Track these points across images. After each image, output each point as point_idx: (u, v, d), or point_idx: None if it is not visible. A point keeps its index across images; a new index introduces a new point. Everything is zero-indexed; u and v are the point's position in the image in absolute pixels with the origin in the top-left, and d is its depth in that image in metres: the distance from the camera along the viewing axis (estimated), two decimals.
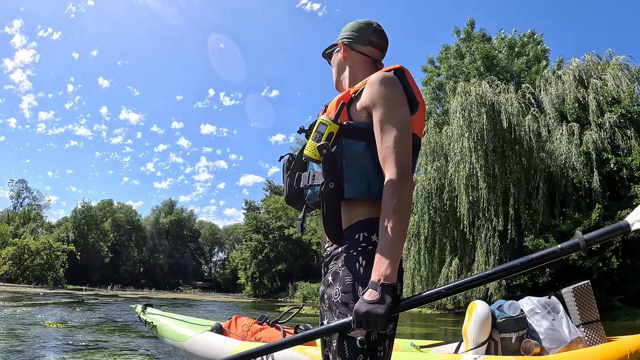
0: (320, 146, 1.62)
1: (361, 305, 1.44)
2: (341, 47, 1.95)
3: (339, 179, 1.63)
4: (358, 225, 1.64)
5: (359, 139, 1.66)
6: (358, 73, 1.92)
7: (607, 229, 1.34)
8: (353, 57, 1.94)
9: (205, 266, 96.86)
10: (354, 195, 1.63)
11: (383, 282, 1.45)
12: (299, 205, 1.89)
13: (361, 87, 1.73)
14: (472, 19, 29.73)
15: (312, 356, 3.98)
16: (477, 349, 3.84)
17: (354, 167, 1.65)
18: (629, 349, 3.35)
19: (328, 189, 1.63)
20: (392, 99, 1.63)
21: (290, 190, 1.87)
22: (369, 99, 1.65)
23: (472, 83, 21.21)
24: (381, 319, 1.42)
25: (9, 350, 6.39)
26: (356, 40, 1.93)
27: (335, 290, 1.61)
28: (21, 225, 64.39)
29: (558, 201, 19.76)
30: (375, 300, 1.43)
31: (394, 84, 1.66)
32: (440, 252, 21.67)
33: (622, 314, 16.90)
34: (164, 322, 5.87)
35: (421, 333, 12.52)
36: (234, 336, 5.11)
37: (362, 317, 1.43)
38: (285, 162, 1.93)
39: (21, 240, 50.35)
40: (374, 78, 1.67)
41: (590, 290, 4.06)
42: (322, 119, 1.67)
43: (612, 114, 18.99)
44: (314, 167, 1.74)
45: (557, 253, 1.38)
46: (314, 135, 1.67)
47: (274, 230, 51.02)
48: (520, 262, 1.41)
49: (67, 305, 18.69)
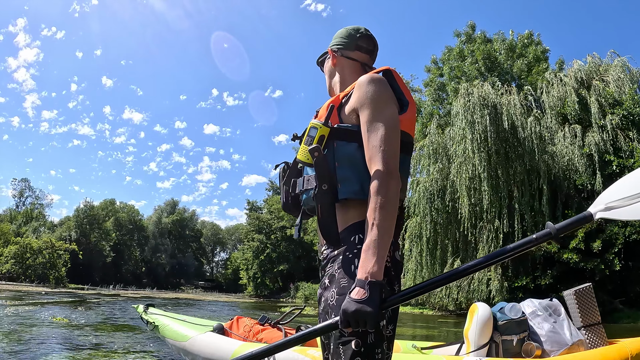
0: (311, 149, 1.64)
1: (349, 304, 1.43)
2: (330, 54, 2.01)
3: (332, 180, 1.64)
4: (353, 227, 1.65)
5: (350, 140, 1.69)
6: (348, 78, 1.96)
7: (573, 219, 1.46)
8: (342, 63, 1.99)
9: (207, 266, 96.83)
10: (348, 195, 1.64)
11: (370, 279, 1.44)
12: (296, 212, 1.90)
13: (350, 90, 1.77)
14: (472, 22, 29.78)
15: (314, 357, 3.98)
16: (479, 351, 3.84)
17: (346, 169, 1.67)
18: (630, 352, 3.35)
19: (322, 191, 1.64)
20: (378, 99, 1.65)
21: (287, 198, 1.89)
22: (357, 100, 1.68)
23: (475, 84, 21.19)
24: (370, 317, 1.41)
25: (12, 349, 6.41)
26: (345, 46, 1.99)
27: (331, 293, 1.62)
28: (23, 224, 64.54)
29: (560, 203, 19.74)
30: (363, 298, 1.42)
31: (381, 84, 1.69)
32: (442, 254, 21.65)
33: (623, 316, 16.88)
34: (166, 322, 5.88)
35: (422, 335, 12.52)
36: (235, 337, 5.12)
37: (350, 316, 1.43)
38: (281, 170, 1.95)
39: (23, 239, 50.39)
40: (361, 80, 1.71)
41: (591, 293, 4.07)
42: (313, 123, 1.71)
43: (614, 116, 18.97)
44: (308, 172, 1.76)
45: (532, 242, 1.47)
46: (305, 139, 1.71)
47: (276, 230, 50.97)
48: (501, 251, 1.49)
49: (69, 304, 18.73)
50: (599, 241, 17.16)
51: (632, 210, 1.43)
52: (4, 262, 47.06)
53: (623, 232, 17.37)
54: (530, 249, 1.52)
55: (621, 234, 17.38)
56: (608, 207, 1.46)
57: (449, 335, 12.53)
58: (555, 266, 18.15)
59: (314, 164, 1.65)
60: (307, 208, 1.81)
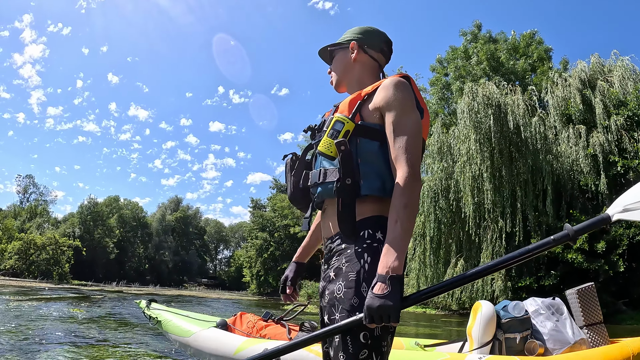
0: (338, 142, 1.65)
1: (373, 300, 1.46)
2: (355, 47, 1.97)
3: (355, 175, 1.66)
4: (364, 222, 1.67)
5: (372, 139, 1.71)
6: (365, 76, 1.96)
7: (592, 221, 1.54)
8: (364, 60, 1.97)
9: (210, 264, 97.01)
10: (370, 191, 1.67)
11: (392, 274, 1.47)
12: (304, 203, 1.92)
13: (372, 90, 1.77)
14: (478, 22, 29.73)
15: (317, 353, 4.01)
16: (482, 348, 3.86)
17: (368, 165, 1.69)
18: (631, 351, 3.36)
19: (345, 185, 1.65)
20: (406, 103, 1.69)
21: (295, 189, 1.90)
22: (384, 101, 1.70)
23: (480, 84, 21.16)
24: (393, 312, 1.44)
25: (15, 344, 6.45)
26: (370, 44, 1.97)
27: (337, 286, 1.64)
28: (27, 220, 64.76)
29: (565, 203, 19.68)
30: (385, 293, 1.45)
31: (407, 89, 1.72)
32: (446, 253, 21.63)
33: (626, 317, 16.84)
34: (169, 318, 5.90)
35: (426, 333, 12.52)
36: (239, 332, 5.14)
37: (374, 312, 1.45)
38: (289, 161, 1.96)
39: (27, 235, 50.64)
40: (389, 82, 1.72)
41: (594, 293, 4.08)
42: (339, 117, 1.71)
43: (619, 117, 18.89)
44: (325, 165, 1.77)
45: (550, 243, 1.52)
46: (329, 132, 1.70)
47: (280, 228, 50.92)
48: (519, 253, 1.53)
49: (73, 300, 18.79)
50: (603, 242, 17.10)
51: None
52: (7, 258, 47.26)
53: (627, 234, 17.33)
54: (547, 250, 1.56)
55: (626, 235, 17.34)
56: (626, 209, 1.54)
57: (452, 334, 12.52)
58: (559, 266, 18.11)
59: (339, 158, 1.66)
60: (320, 200, 1.82)
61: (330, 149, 1.68)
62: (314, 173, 1.80)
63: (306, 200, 1.90)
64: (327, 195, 1.75)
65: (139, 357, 5.96)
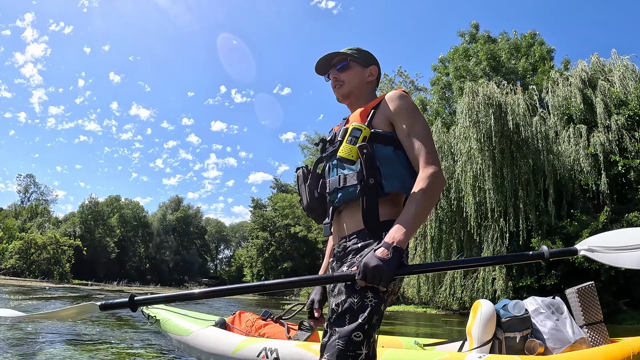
0: (361, 146, 1.81)
1: (371, 259, 1.59)
2: (374, 73, 2.18)
3: (377, 176, 1.82)
4: (382, 224, 1.81)
5: (386, 144, 1.88)
6: (368, 92, 2.17)
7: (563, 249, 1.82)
8: (374, 81, 2.19)
9: (211, 263, 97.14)
10: (393, 189, 1.84)
11: (395, 245, 1.61)
12: (320, 211, 2.06)
13: (376, 102, 1.99)
14: (476, 22, 29.79)
15: (316, 352, 3.98)
16: (481, 347, 3.84)
17: (387, 167, 1.86)
18: (632, 351, 3.34)
19: (369, 184, 1.82)
20: (414, 110, 1.91)
21: (311, 198, 2.04)
22: (394, 110, 1.90)
23: (480, 83, 21.13)
24: (386, 276, 1.57)
25: (14, 343, 6.43)
26: (379, 70, 2.20)
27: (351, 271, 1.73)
28: (28, 219, 64.74)
29: (565, 203, 19.65)
30: (385, 258, 1.58)
31: (410, 99, 1.94)
32: (447, 252, 21.62)
33: (627, 317, 16.82)
34: (167, 317, 5.87)
35: (426, 332, 12.52)
36: (237, 331, 5.12)
37: (369, 270, 1.58)
38: (301, 173, 2.12)
39: (28, 235, 50.68)
40: (394, 95, 1.94)
41: (594, 292, 4.07)
42: (356, 125, 1.87)
43: (620, 116, 18.85)
44: (344, 171, 1.93)
45: (527, 257, 1.81)
46: (348, 138, 1.86)
47: (281, 228, 50.99)
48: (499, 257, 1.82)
49: (73, 299, 18.77)
50: None
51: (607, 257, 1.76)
52: (8, 258, 47.33)
53: None
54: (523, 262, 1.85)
55: None
56: (591, 249, 1.79)
57: (452, 333, 12.50)
58: (560, 266, 18.05)
59: (362, 160, 1.81)
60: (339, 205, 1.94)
61: (352, 154, 1.83)
62: (333, 180, 1.96)
63: (323, 208, 2.05)
64: (348, 199, 1.89)
65: (137, 356, 5.94)
